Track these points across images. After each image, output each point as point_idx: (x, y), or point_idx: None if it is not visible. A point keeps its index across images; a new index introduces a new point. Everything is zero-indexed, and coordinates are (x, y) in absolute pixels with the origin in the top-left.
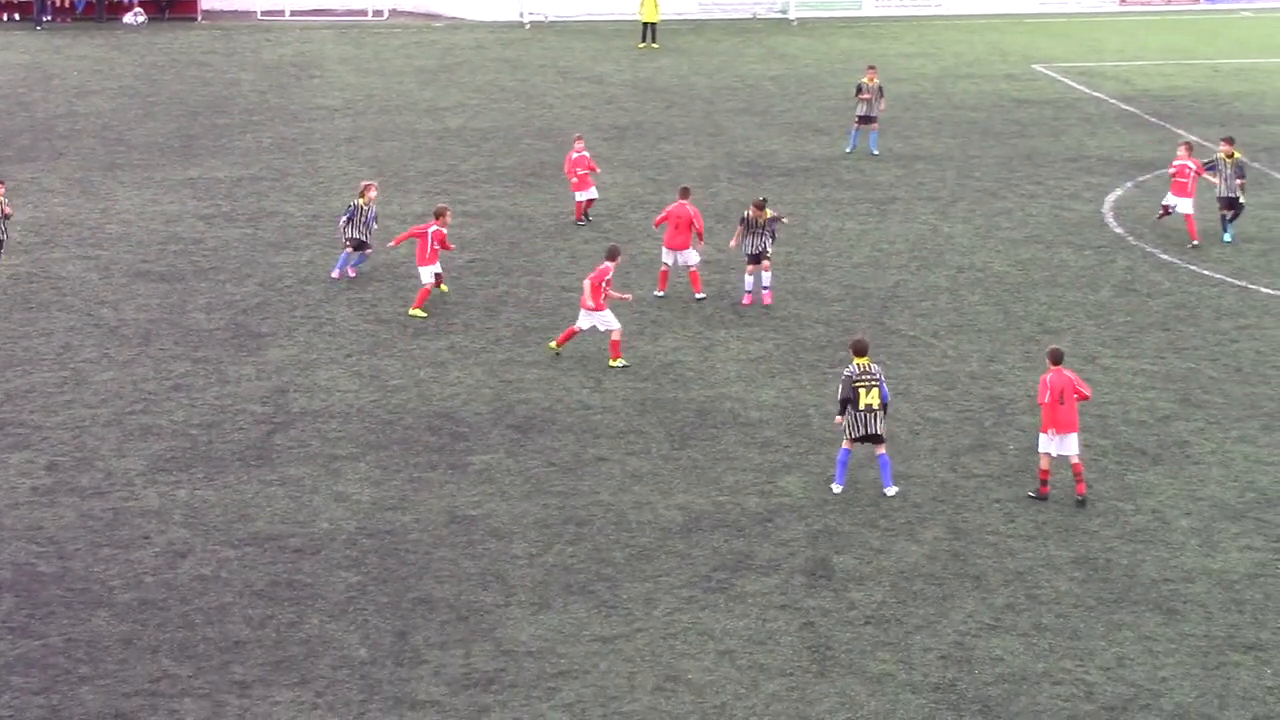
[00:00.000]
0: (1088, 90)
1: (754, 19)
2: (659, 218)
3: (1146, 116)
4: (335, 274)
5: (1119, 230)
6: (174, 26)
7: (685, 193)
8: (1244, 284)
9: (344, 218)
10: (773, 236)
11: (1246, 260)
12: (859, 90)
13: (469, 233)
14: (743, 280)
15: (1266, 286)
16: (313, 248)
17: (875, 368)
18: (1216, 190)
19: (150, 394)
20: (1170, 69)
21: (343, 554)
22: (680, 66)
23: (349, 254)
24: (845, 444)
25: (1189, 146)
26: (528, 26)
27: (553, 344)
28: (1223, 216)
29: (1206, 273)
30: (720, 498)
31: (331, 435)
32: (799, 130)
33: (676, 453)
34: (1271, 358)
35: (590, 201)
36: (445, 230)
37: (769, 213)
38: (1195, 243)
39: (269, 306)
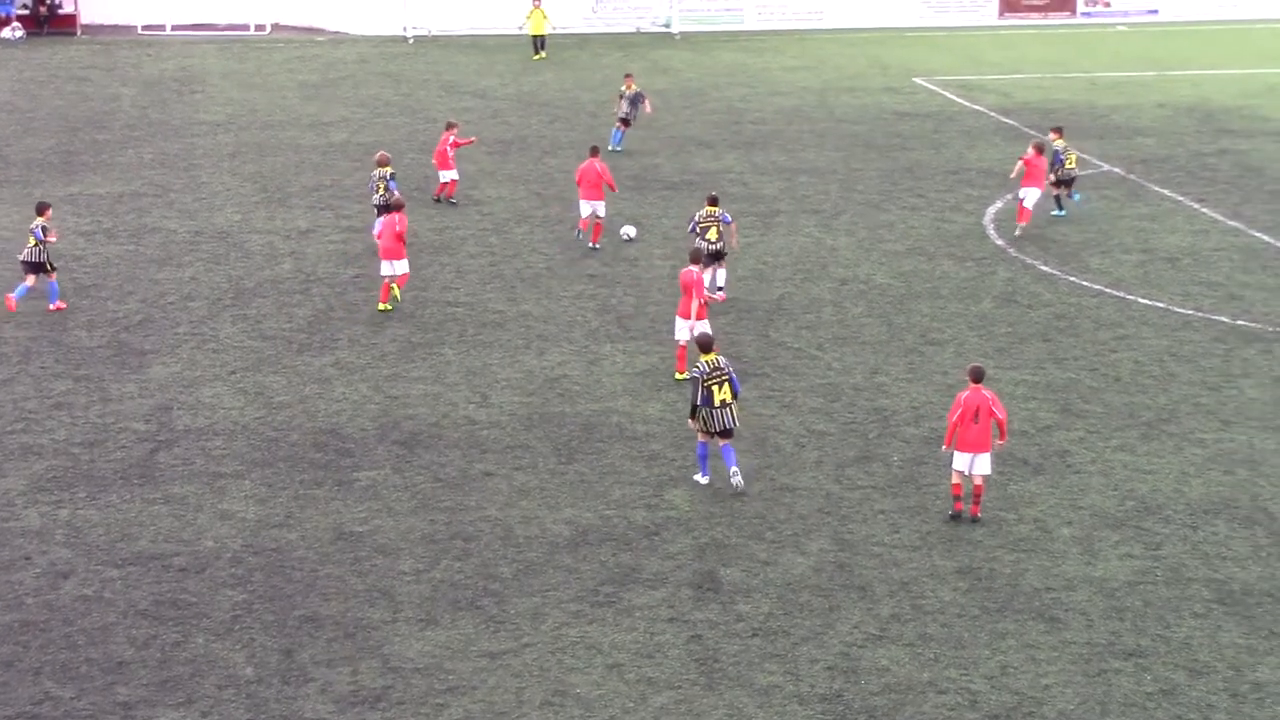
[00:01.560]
0: (967, 103)
1: (638, 33)
2: (577, 178)
3: (1025, 129)
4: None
5: (999, 242)
6: (53, 42)
7: (595, 151)
8: (1122, 295)
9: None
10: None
11: (1124, 271)
12: (620, 96)
13: (354, 248)
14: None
15: (1144, 297)
16: (195, 264)
17: (724, 361)
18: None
19: (31, 413)
20: (1048, 82)
21: (228, 572)
22: (565, 80)
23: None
24: (701, 438)
25: (1039, 147)
26: (411, 41)
27: (679, 375)
28: (1057, 198)
29: (1085, 284)
30: (607, 511)
31: (216, 453)
32: (683, 144)
33: (563, 467)
34: (1149, 367)
35: (454, 183)
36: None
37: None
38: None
39: (151, 324)
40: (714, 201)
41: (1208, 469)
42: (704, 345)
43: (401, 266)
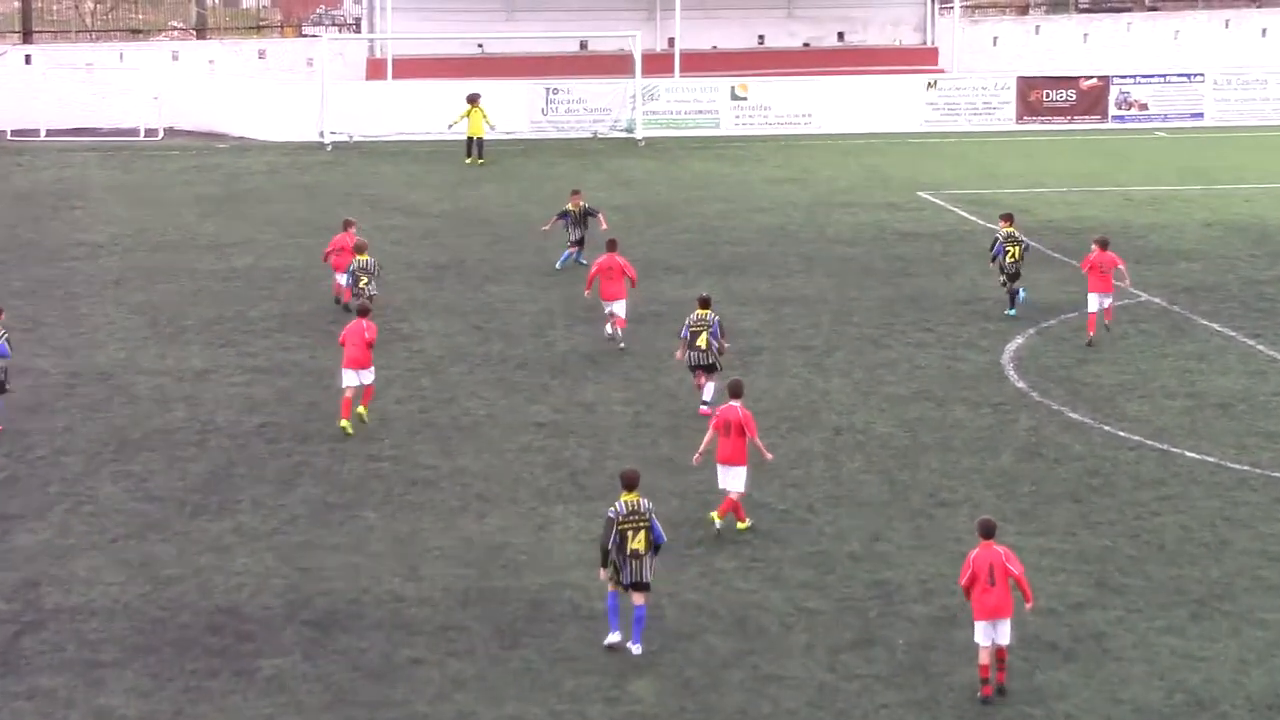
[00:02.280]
0: (982, 221)
1: (595, 138)
2: (590, 274)
3: (1050, 252)
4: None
5: (1021, 384)
6: None
7: (612, 244)
8: (1165, 447)
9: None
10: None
11: (1168, 419)
12: (561, 216)
13: (260, 392)
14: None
15: (1191, 450)
16: (71, 411)
17: (645, 504)
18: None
19: None
20: (1076, 197)
21: None
22: (508, 194)
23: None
24: (611, 587)
25: (1103, 243)
26: (329, 148)
27: (714, 516)
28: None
29: (1123, 434)
30: (559, 706)
31: (92, 637)
32: (647, 268)
33: (506, 653)
34: (1198, 534)
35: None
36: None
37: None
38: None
39: (17, 482)
40: (705, 304)
41: (1271, 655)
42: (628, 483)
43: (368, 377)
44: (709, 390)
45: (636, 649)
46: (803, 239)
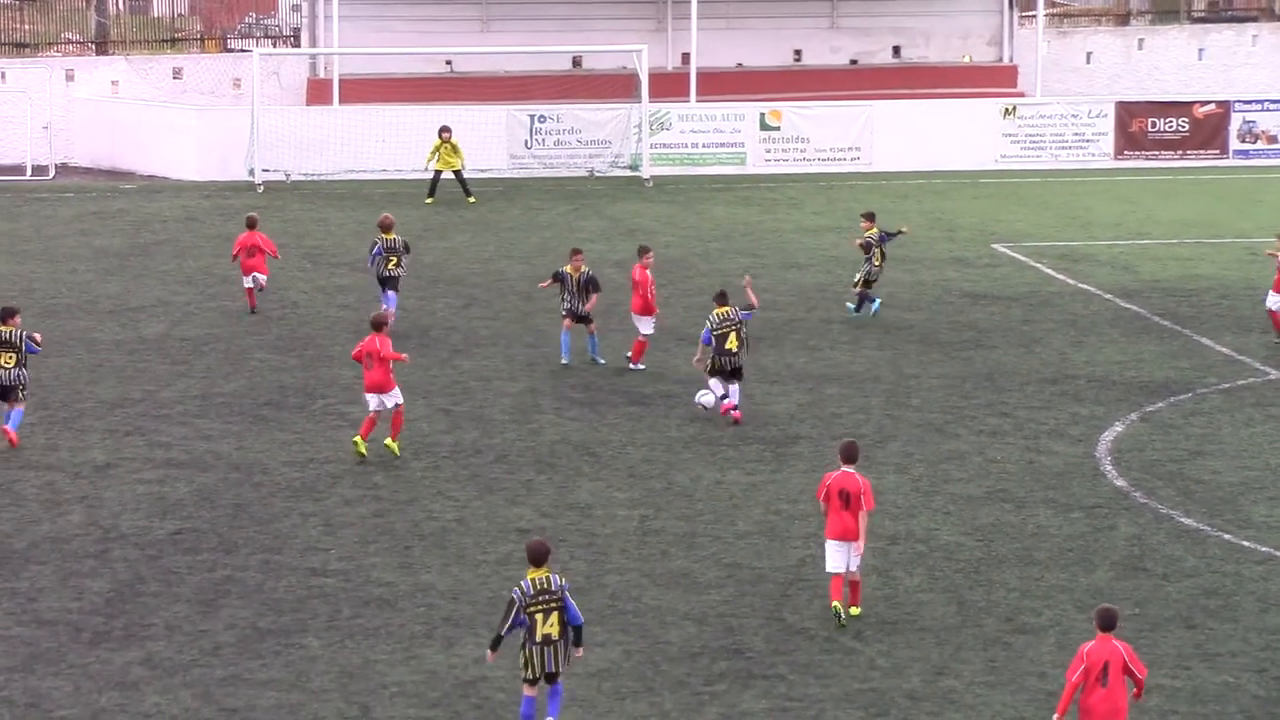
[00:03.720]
0: (1072, 280)
1: (591, 177)
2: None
3: (1156, 318)
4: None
5: (1120, 483)
6: None
7: (644, 251)
8: None
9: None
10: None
11: None
12: (558, 278)
13: (175, 491)
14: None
15: None
16: None
17: (558, 581)
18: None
19: None
20: (1188, 250)
21: None
22: (483, 246)
23: None
24: (527, 691)
25: None
26: (260, 189)
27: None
28: (860, 298)
29: (1248, 544)
30: None
31: None
32: (658, 339)
33: None
34: None
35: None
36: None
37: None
38: None
39: None
40: (723, 299)
41: None
42: (534, 557)
43: (392, 400)
44: (736, 393)
45: None
46: (849, 303)
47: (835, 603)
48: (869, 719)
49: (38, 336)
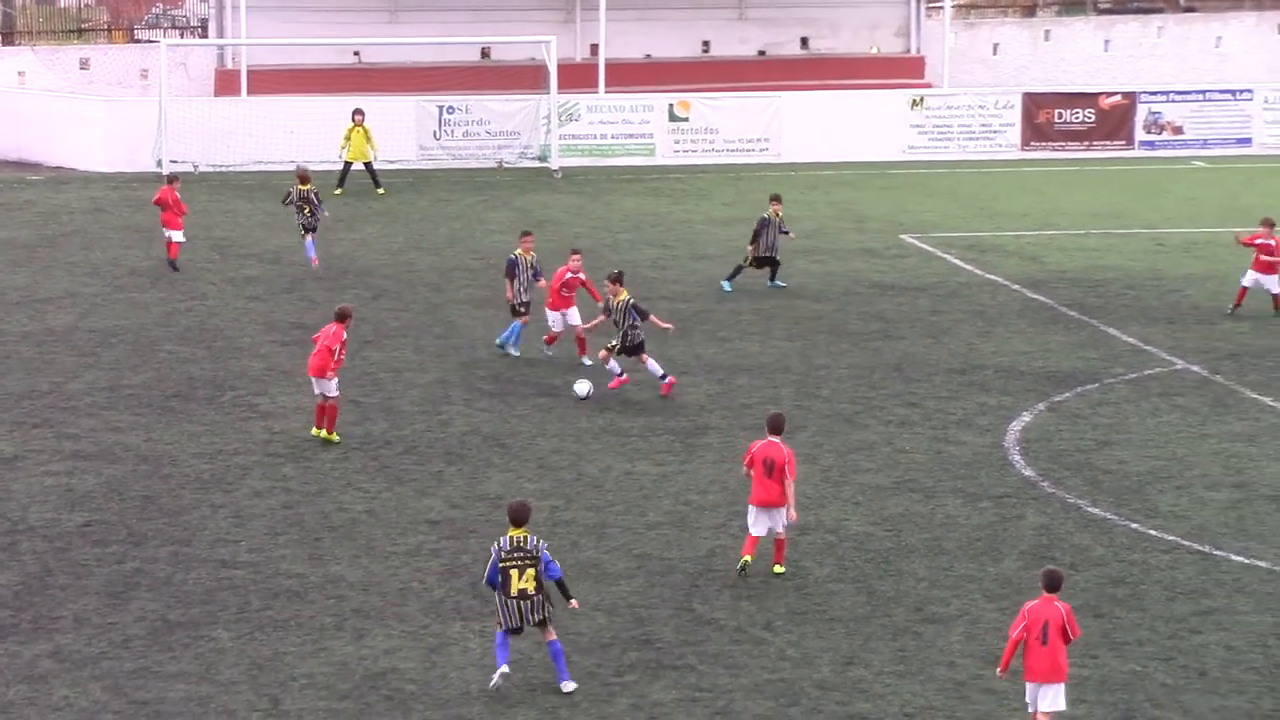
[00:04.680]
0: (979, 271)
1: (500, 168)
2: (552, 285)
3: (1063, 308)
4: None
5: (1029, 472)
6: None
7: (576, 253)
8: (1207, 549)
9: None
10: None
11: (1209, 514)
12: (510, 266)
13: (83, 483)
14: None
15: (1238, 553)
16: None
17: (534, 540)
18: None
19: None
20: (1095, 241)
21: None
22: (393, 238)
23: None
24: (498, 626)
25: (1270, 223)
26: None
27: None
28: (738, 269)
29: (1154, 533)
30: None
31: None
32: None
33: None
34: (1248, 655)
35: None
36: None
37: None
38: None
39: None
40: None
41: None
42: (516, 518)
43: (328, 388)
44: (654, 365)
45: (568, 686)
46: (758, 293)
47: (746, 557)
48: (779, 709)
49: None
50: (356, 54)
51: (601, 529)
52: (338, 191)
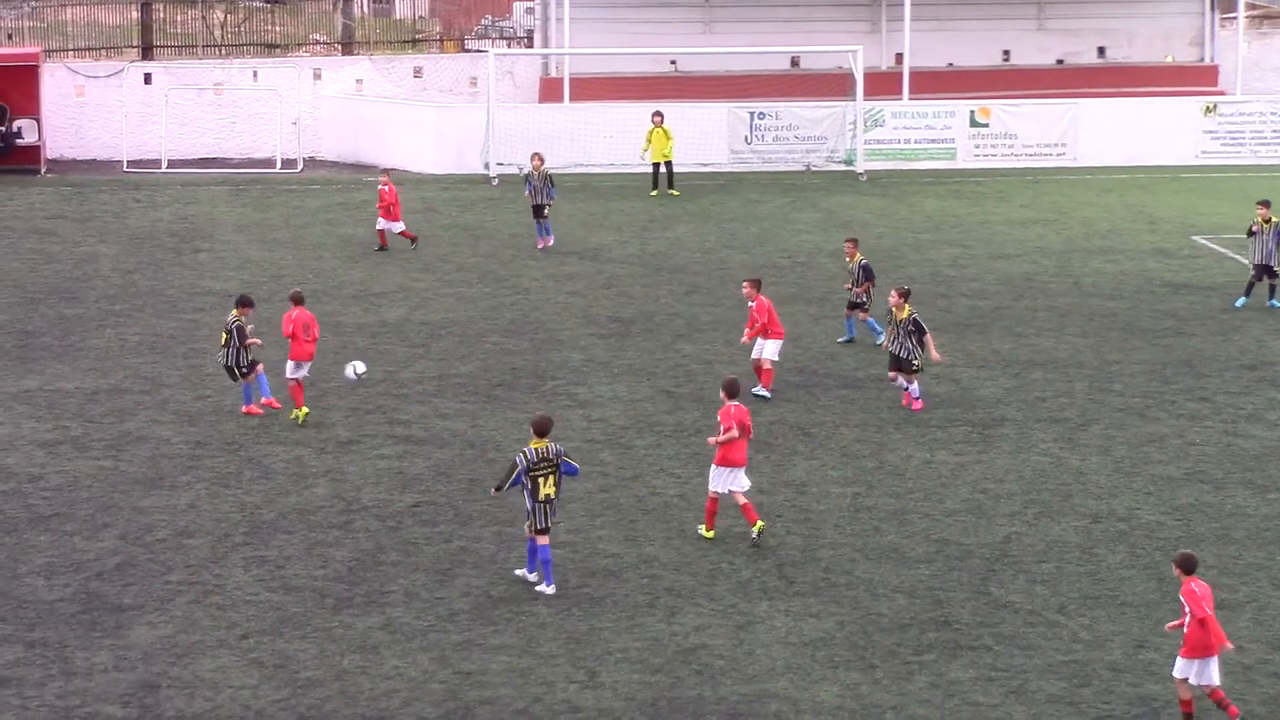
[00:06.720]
0: None
1: (808, 171)
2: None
3: None
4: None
5: None
6: (7, 182)
7: (757, 284)
8: None
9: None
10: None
11: None
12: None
13: (413, 466)
14: None
15: None
16: (195, 486)
17: (555, 448)
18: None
19: None
20: None
21: None
22: (705, 237)
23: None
24: (539, 539)
25: None
26: (495, 182)
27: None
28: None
29: None
30: None
31: None
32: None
33: None
34: None
35: (398, 233)
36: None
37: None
38: None
39: (134, 568)
40: (906, 295)
41: None
42: (540, 428)
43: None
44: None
45: (551, 589)
46: (1054, 291)
47: (760, 522)
48: (1071, 689)
49: (256, 341)
50: (673, 63)
51: (902, 515)
52: (653, 194)
